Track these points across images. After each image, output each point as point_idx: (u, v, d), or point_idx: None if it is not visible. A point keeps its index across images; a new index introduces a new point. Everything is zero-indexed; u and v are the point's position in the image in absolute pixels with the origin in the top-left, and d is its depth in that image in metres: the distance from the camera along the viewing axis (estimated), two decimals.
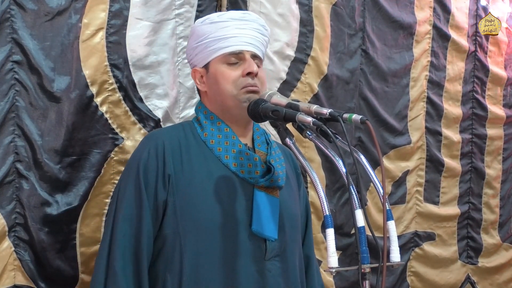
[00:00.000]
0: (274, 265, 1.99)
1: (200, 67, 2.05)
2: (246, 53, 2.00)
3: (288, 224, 2.05)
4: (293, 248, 2.08)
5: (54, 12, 2.27)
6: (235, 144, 2.00)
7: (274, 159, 2.05)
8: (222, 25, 1.98)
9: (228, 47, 1.98)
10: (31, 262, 2.28)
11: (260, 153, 2.05)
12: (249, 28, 2.01)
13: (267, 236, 1.97)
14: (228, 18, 2.01)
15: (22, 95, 2.24)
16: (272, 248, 1.99)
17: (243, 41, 1.99)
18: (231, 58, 1.99)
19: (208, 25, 2.00)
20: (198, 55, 2.04)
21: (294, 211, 2.11)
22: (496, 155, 3.75)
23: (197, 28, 2.04)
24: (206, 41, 1.99)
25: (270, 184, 1.99)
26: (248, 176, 1.98)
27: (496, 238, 3.77)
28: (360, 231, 1.57)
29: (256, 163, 1.99)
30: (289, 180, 2.12)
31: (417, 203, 3.40)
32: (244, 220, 1.96)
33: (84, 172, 2.36)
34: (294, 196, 2.13)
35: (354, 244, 3.08)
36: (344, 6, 3.02)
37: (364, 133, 3.11)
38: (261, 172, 1.99)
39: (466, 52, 3.55)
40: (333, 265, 1.57)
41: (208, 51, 2.00)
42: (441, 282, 3.50)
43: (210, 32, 1.99)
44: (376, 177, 1.74)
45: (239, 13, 2.07)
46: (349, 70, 3.07)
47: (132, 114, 2.46)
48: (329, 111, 1.72)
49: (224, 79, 1.98)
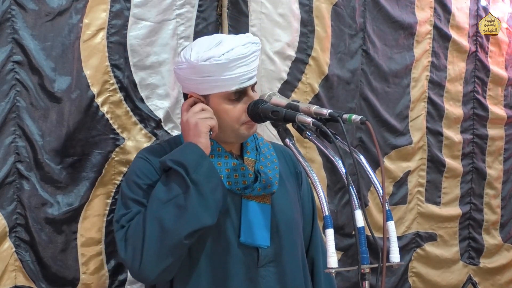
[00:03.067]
0: (269, 271, 1.98)
1: (198, 94, 1.99)
2: (249, 88, 1.97)
3: (284, 228, 2.03)
4: (292, 252, 2.05)
5: (55, 12, 2.27)
6: (221, 156, 1.99)
7: (265, 165, 2.03)
8: (228, 66, 1.92)
9: (233, 86, 1.94)
10: (32, 263, 2.28)
11: (249, 161, 2.03)
12: (251, 61, 1.97)
13: (258, 244, 1.96)
14: (234, 58, 1.93)
15: (23, 96, 2.24)
16: (265, 255, 1.97)
17: (247, 77, 1.95)
18: (233, 95, 1.96)
19: (214, 65, 1.92)
20: (198, 86, 1.98)
21: (290, 214, 2.07)
22: (497, 156, 3.75)
23: (199, 65, 1.94)
24: (210, 78, 1.94)
25: (259, 192, 1.98)
26: (235, 187, 1.96)
27: (498, 239, 3.76)
28: (359, 231, 1.57)
29: (244, 172, 1.98)
30: (285, 182, 2.09)
31: (418, 203, 3.40)
32: (234, 230, 1.95)
33: (85, 173, 2.36)
34: (291, 199, 2.10)
35: (355, 245, 3.07)
36: (345, 6, 3.02)
37: (365, 134, 3.10)
38: (249, 181, 1.98)
39: (466, 52, 3.54)
40: (333, 266, 1.57)
41: (211, 86, 1.95)
42: (442, 282, 3.50)
43: (215, 71, 1.92)
44: (376, 178, 1.74)
45: (243, 49, 1.96)
46: (350, 70, 3.06)
47: (133, 114, 2.46)
48: (328, 111, 1.72)
49: (228, 116, 1.95)
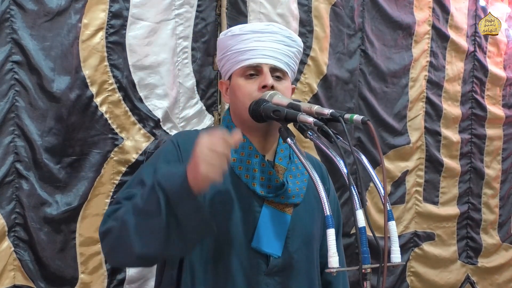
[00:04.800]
0: (274, 280, 1.94)
1: (226, 79, 2.03)
2: (264, 66, 1.94)
3: (300, 242, 1.98)
4: (303, 267, 1.99)
5: (54, 13, 2.28)
6: (251, 155, 1.96)
7: (294, 174, 2.01)
8: (242, 38, 1.95)
9: (246, 60, 1.94)
10: (30, 262, 2.28)
11: (280, 168, 1.99)
12: (270, 41, 1.96)
13: (267, 252, 1.92)
14: (249, 30, 1.97)
15: (22, 95, 2.24)
16: (274, 265, 1.93)
17: (262, 53, 1.94)
18: (249, 71, 1.95)
19: (229, 37, 1.97)
20: (223, 68, 2.02)
21: (310, 229, 2.03)
22: (496, 155, 3.75)
23: (220, 40, 2.02)
24: (228, 54, 1.97)
25: (281, 200, 1.95)
26: (259, 189, 1.92)
27: (496, 238, 3.76)
28: (361, 231, 1.57)
29: (271, 177, 1.95)
30: (311, 197, 2.03)
31: (416, 203, 3.40)
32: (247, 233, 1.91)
33: (83, 172, 2.36)
34: (313, 215, 2.05)
35: (354, 244, 3.08)
36: (344, 7, 3.02)
37: (363, 133, 3.11)
38: (274, 186, 1.94)
39: (465, 53, 3.54)
40: (334, 266, 1.56)
41: (230, 63, 1.97)
42: (440, 282, 3.50)
43: (232, 45, 1.96)
44: (377, 178, 1.74)
45: (261, 25, 2.01)
46: (349, 70, 3.07)
47: (131, 114, 2.46)
48: (330, 111, 1.71)
49: (240, 92, 1.95)
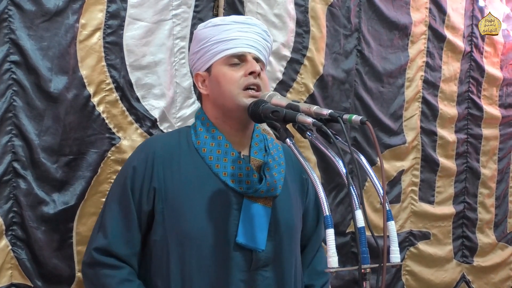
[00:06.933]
0: (262, 275, 1.95)
1: (203, 71, 2.02)
2: (248, 55, 1.97)
3: (283, 233, 2.00)
4: (288, 258, 2.03)
5: (51, 13, 2.27)
6: (227, 152, 1.97)
7: (271, 167, 2.01)
8: (225, 28, 1.97)
9: (230, 49, 1.96)
10: (28, 261, 2.28)
11: (256, 161, 2.01)
12: (252, 32, 1.99)
13: (253, 247, 1.93)
14: (231, 21, 2.00)
15: (19, 95, 2.24)
16: (258, 259, 1.94)
17: (246, 43, 1.97)
18: (233, 60, 1.96)
19: (210, 28, 1.98)
20: (200, 59, 2.01)
21: (291, 219, 2.05)
22: (492, 155, 3.76)
23: (199, 32, 2.03)
24: (208, 44, 1.97)
25: (261, 194, 1.96)
26: (238, 185, 1.95)
27: (492, 238, 3.77)
28: (360, 231, 1.57)
29: (248, 172, 1.96)
30: (288, 187, 2.06)
31: (412, 202, 3.41)
32: (231, 230, 1.93)
33: (81, 172, 2.36)
34: (293, 204, 2.07)
35: (350, 243, 3.09)
36: (340, 7, 3.03)
37: (359, 133, 3.11)
38: (253, 181, 1.95)
39: (461, 53, 3.56)
40: (334, 266, 1.56)
41: (210, 54, 1.98)
42: (436, 281, 3.51)
43: (213, 35, 1.97)
44: (376, 178, 1.74)
45: (242, 17, 2.06)
46: (345, 71, 3.07)
47: (129, 114, 2.46)
48: (329, 112, 1.71)
49: (226, 80, 1.95)
